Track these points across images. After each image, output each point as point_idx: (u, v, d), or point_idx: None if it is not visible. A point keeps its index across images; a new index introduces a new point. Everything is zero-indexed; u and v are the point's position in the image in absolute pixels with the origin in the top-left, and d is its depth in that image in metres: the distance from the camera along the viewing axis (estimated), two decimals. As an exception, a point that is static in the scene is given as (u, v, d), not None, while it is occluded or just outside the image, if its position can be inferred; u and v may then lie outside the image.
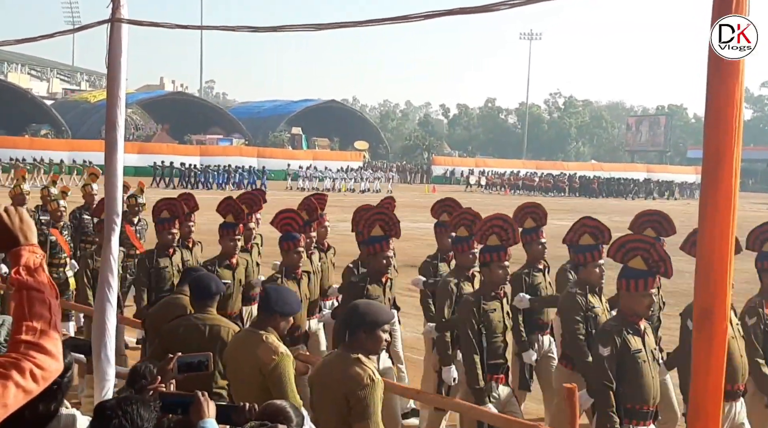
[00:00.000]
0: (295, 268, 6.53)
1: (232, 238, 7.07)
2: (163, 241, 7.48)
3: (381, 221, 6.34)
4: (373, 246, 6.25)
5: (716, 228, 2.45)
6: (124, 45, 4.93)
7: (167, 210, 7.53)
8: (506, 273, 5.72)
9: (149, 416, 2.66)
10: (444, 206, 7.64)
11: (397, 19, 3.49)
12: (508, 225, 5.83)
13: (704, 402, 2.49)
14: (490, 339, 5.52)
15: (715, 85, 2.48)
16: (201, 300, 4.83)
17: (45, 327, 1.96)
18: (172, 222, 7.50)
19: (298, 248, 6.52)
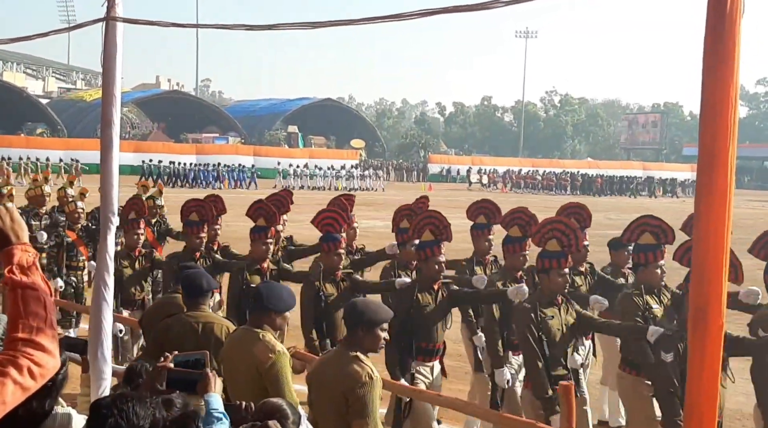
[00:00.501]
0: (335, 270, 6.33)
1: (264, 242, 6.79)
2: (191, 245, 7.30)
3: (431, 225, 6.05)
4: (423, 251, 5.93)
5: (711, 226, 2.46)
6: (119, 43, 4.92)
7: (196, 212, 7.33)
8: (566, 280, 5.50)
9: (145, 413, 2.66)
10: (480, 208, 7.32)
11: (392, 17, 3.49)
12: (570, 231, 5.55)
13: (699, 401, 2.50)
14: (550, 348, 5.32)
15: (710, 83, 2.48)
16: (193, 298, 4.82)
17: (41, 325, 1.97)
18: (201, 226, 7.30)
19: (338, 249, 6.33)
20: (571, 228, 5.57)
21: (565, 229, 5.52)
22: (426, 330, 5.78)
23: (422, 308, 5.77)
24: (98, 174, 5.32)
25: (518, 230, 6.29)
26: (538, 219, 6.32)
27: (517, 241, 6.24)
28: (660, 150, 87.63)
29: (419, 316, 5.75)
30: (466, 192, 48.74)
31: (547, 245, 5.45)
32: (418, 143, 77.40)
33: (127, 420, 2.60)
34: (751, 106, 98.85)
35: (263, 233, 6.81)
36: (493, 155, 78.57)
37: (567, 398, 4.11)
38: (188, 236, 7.30)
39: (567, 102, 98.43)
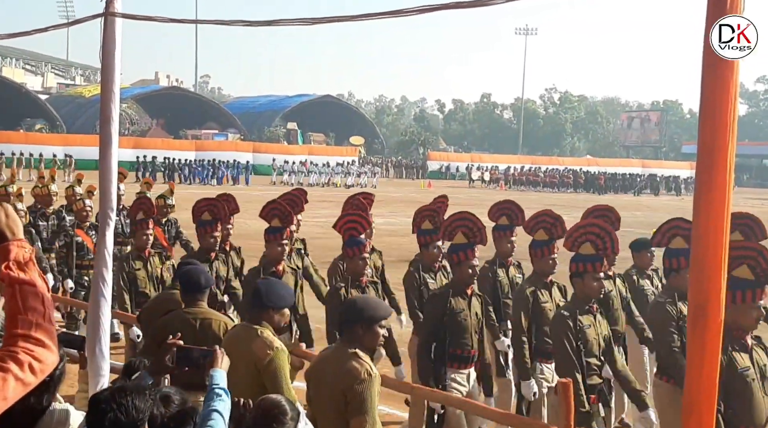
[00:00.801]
0: (359, 276, 6.12)
1: (279, 243, 6.58)
2: (204, 245, 7.09)
3: (464, 227, 5.80)
4: (456, 254, 5.66)
5: (710, 223, 2.46)
6: (117, 39, 4.91)
7: (209, 211, 7.12)
8: (601, 285, 5.28)
9: (144, 406, 2.67)
10: (502, 208, 7.12)
11: (392, 14, 3.49)
12: (604, 234, 5.34)
13: (698, 398, 2.50)
14: (586, 358, 5.09)
15: (709, 81, 2.48)
16: (191, 294, 4.82)
17: (40, 320, 1.98)
18: (214, 225, 7.09)
19: (363, 254, 6.11)
20: (605, 230, 5.39)
21: (600, 232, 5.34)
22: (460, 337, 5.60)
23: (456, 314, 5.56)
24: (96, 170, 5.30)
25: (544, 233, 6.11)
26: (563, 221, 6.16)
27: (545, 245, 6.05)
28: (659, 147, 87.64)
29: (453, 322, 5.56)
30: (465, 189, 48.79)
31: (581, 248, 5.27)
32: (418, 140, 77.38)
33: (126, 414, 2.61)
34: (750, 103, 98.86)
35: (278, 234, 6.61)
36: (492, 152, 78.52)
37: (566, 395, 4.10)
38: (202, 236, 7.10)
39: (566, 99, 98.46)
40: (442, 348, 5.57)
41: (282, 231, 6.62)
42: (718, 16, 2.45)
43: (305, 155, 56.26)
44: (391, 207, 31.29)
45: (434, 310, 5.64)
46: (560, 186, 58.28)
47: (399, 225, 22.19)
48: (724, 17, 2.43)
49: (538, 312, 5.92)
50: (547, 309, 5.91)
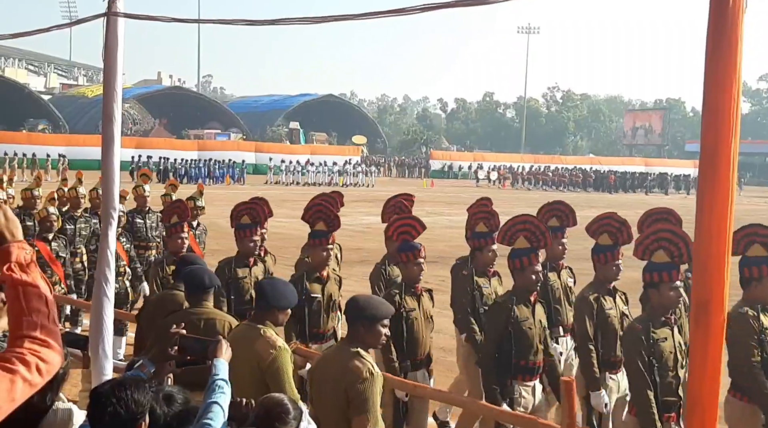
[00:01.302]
0: (415, 282, 5.80)
1: (324, 248, 6.26)
2: (243, 250, 6.82)
3: (526, 231, 5.50)
4: (519, 259, 5.36)
5: (713, 221, 2.45)
6: (120, 38, 4.92)
7: (247, 215, 6.88)
8: (678, 294, 4.99)
9: (144, 400, 2.68)
10: (553, 209, 6.83)
11: (395, 12, 3.48)
12: (678, 239, 4.95)
13: (701, 395, 2.49)
14: (662, 373, 4.79)
15: (712, 79, 2.48)
16: (195, 295, 4.83)
17: (44, 322, 1.98)
18: (254, 229, 6.84)
19: (418, 259, 5.77)
20: (678, 235, 5.00)
21: (673, 238, 4.97)
22: (525, 347, 5.31)
23: (520, 323, 5.27)
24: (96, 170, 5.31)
25: (608, 238, 5.79)
26: (629, 226, 5.83)
27: (608, 250, 5.73)
28: (662, 146, 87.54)
29: (518, 332, 5.27)
30: (467, 188, 48.71)
31: (654, 256, 4.93)
32: (420, 139, 77.40)
33: (125, 408, 2.63)
34: (753, 102, 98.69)
35: (324, 238, 6.29)
36: (495, 151, 78.45)
37: (568, 393, 4.11)
38: (240, 240, 6.82)
39: (569, 98, 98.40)
40: (507, 360, 5.29)
41: (327, 235, 6.32)
42: (721, 14, 2.45)
43: (307, 155, 56.22)
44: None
45: (497, 319, 5.36)
46: (569, 185, 57.75)
47: None
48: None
49: (603, 320, 5.63)
50: (612, 317, 5.66)
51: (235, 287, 6.62)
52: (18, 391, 1.87)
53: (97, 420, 2.67)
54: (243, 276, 6.69)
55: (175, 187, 10.99)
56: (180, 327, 3.35)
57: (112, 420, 2.63)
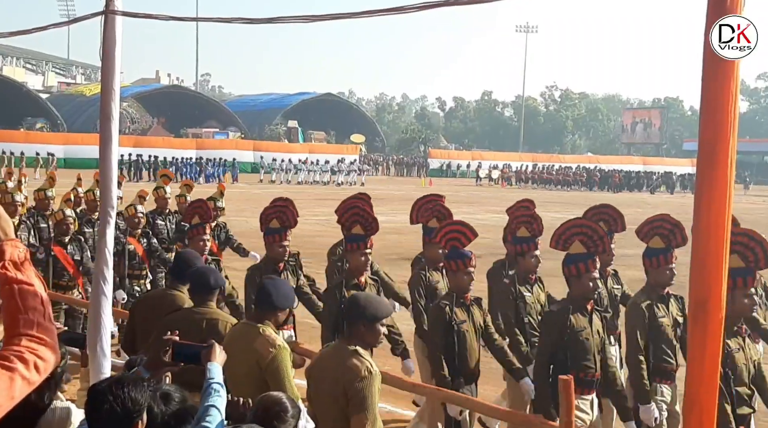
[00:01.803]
0: (465, 292, 5.50)
1: (363, 253, 5.98)
2: (273, 255, 6.57)
3: (582, 235, 5.21)
4: (575, 265, 5.07)
5: (711, 219, 2.46)
6: (118, 37, 4.91)
7: (277, 219, 6.62)
8: (753, 302, 4.82)
9: (141, 398, 2.68)
10: (599, 213, 6.51)
11: (393, 10, 3.48)
12: (755, 244, 4.70)
13: (699, 393, 2.50)
14: (736, 386, 4.62)
15: (710, 78, 2.48)
16: (200, 294, 4.84)
17: (40, 320, 1.98)
18: (284, 234, 6.58)
19: (468, 268, 5.46)
20: (755, 240, 4.74)
21: (749, 242, 4.71)
22: (583, 359, 5.04)
23: (577, 333, 5.00)
24: (93, 169, 5.30)
25: (660, 240, 5.54)
26: (683, 228, 5.52)
27: (661, 253, 5.50)
28: (660, 144, 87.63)
29: (574, 342, 5.01)
30: (466, 187, 48.72)
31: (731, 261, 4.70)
32: (418, 138, 77.42)
33: (122, 406, 2.63)
34: (751, 100, 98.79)
35: (362, 243, 6.01)
36: (493, 150, 78.48)
37: (566, 393, 4.11)
38: (270, 245, 6.57)
39: (567, 97, 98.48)
40: (563, 372, 4.92)
41: (365, 239, 6.05)
42: (719, 13, 2.44)
43: (306, 153, 56.19)
44: (392, 204, 31.30)
45: (553, 329, 5.09)
46: (573, 184, 57.38)
47: (400, 223, 23.15)
48: (724, 17, 2.43)
49: (655, 328, 5.42)
50: (665, 325, 5.45)
51: None
52: (17, 389, 1.88)
53: (94, 417, 2.67)
54: None
55: (190, 187, 10.74)
56: (174, 334, 3.35)
57: (109, 418, 2.63)
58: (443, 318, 5.39)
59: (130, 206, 9.11)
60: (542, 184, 57.35)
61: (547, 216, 8.02)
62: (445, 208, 6.91)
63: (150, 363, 3.27)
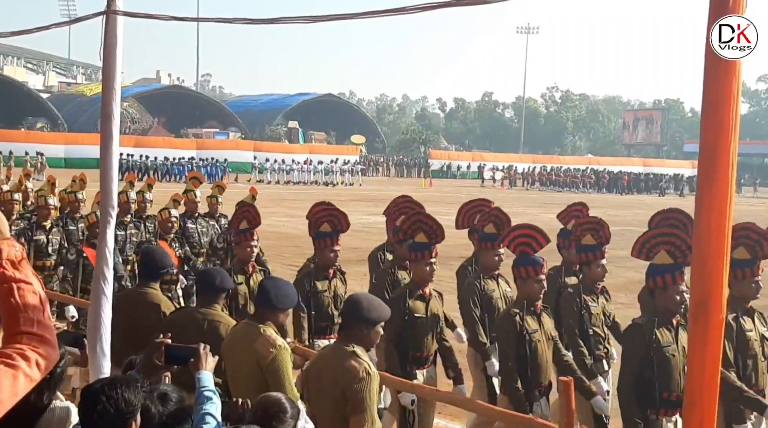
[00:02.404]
0: (535, 300, 5.26)
1: (427, 262, 5.63)
2: (323, 260, 6.29)
3: (669, 245, 4.91)
4: (661, 277, 4.80)
5: (712, 221, 2.45)
6: (119, 37, 4.90)
7: (328, 222, 6.30)
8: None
9: (135, 399, 2.67)
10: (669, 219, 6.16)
11: (394, 11, 3.48)
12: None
13: (700, 396, 2.49)
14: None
15: (711, 79, 2.47)
16: (205, 295, 4.87)
17: (40, 317, 2.00)
18: (335, 238, 6.26)
19: (540, 275, 5.19)
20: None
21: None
22: (669, 377, 4.76)
23: (662, 348, 4.73)
24: (93, 169, 5.30)
25: (745, 251, 5.21)
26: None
27: (746, 265, 5.16)
28: (661, 146, 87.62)
29: (660, 359, 4.72)
30: (466, 188, 48.67)
31: None
32: (419, 139, 77.42)
33: (115, 407, 2.62)
34: (752, 102, 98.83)
35: (426, 251, 5.66)
36: (493, 151, 78.51)
37: (566, 392, 4.10)
38: (320, 250, 6.29)
39: (568, 98, 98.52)
40: (650, 391, 4.75)
41: (429, 248, 5.72)
42: (720, 14, 2.44)
43: (306, 154, 56.17)
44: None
45: (636, 344, 4.79)
46: (583, 186, 56.83)
47: None
48: (724, 17, 2.43)
49: (743, 342, 5.16)
50: (753, 340, 5.19)
51: (315, 301, 6.16)
52: (20, 386, 1.89)
53: (87, 418, 2.67)
54: (323, 289, 6.24)
55: (222, 189, 10.29)
56: (166, 337, 3.35)
57: (101, 419, 2.62)
58: (514, 328, 5.12)
59: (163, 210, 8.79)
60: (550, 185, 57.05)
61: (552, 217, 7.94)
62: (503, 213, 6.57)
63: (143, 366, 3.27)
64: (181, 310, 4.90)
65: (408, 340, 5.54)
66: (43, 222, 8.82)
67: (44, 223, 8.80)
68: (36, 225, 8.82)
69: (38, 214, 9.03)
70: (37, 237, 8.65)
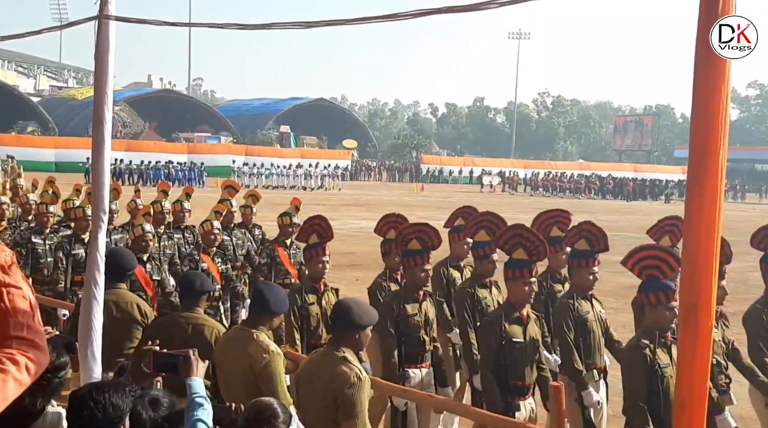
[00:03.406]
0: (666, 331, 4.79)
1: (527, 282, 5.11)
2: (412, 280, 5.80)
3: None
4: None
5: (702, 225, 2.47)
6: (111, 41, 4.90)
7: (417, 239, 5.82)
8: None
9: (123, 404, 2.66)
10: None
11: (386, 18, 3.49)
12: None
13: (690, 397, 2.51)
14: None
15: (701, 84, 2.49)
16: (187, 299, 4.89)
17: (30, 322, 2.00)
18: (425, 256, 5.75)
19: (671, 303, 4.70)
20: None
21: None
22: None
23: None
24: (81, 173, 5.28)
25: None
26: None
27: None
28: (651, 152, 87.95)
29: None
30: (458, 193, 48.71)
31: None
32: (411, 144, 77.48)
33: (103, 411, 2.60)
34: (742, 108, 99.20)
35: (526, 269, 5.12)
36: (485, 156, 78.63)
37: (557, 398, 4.12)
38: (410, 269, 5.76)
39: (559, 103, 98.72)
40: None
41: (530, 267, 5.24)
42: (710, 19, 2.46)
43: (297, 158, 56.10)
44: (382, 210, 31.29)
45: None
46: (587, 192, 56.39)
47: None
48: (724, 17, 2.45)
49: None
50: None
51: (405, 326, 5.61)
52: (9, 390, 1.89)
53: (74, 422, 2.65)
54: (413, 313, 5.68)
55: (256, 199, 9.66)
56: (154, 343, 3.34)
57: (89, 424, 2.61)
58: (644, 362, 4.55)
59: (205, 222, 8.03)
60: (553, 191, 56.66)
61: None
62: (597, 228, 5.94)
63: (132, 373, 3.26)
64: (164, 316, 4.91)
65: (506, 368, 5.03)
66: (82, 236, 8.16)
67: (83, 236, 8.10)
68: (75, 239, 8.29)
69: (77, 225, 8.42)
70: (75, 252, 8.09)
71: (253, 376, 4.13)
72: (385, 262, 6.64)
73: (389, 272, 6.57)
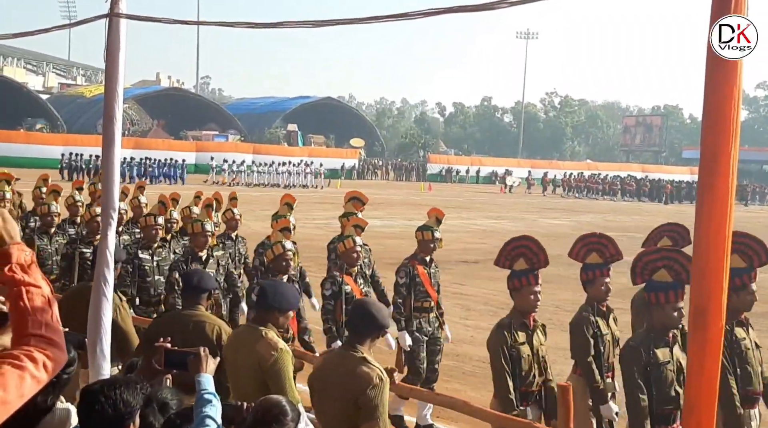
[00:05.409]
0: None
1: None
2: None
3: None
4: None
5: (712, 228, 2.46)
6: (122, 40, 4.92)
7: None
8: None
9: (134, 400, 2.68)
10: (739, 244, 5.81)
11: (396, 17, 3.49)
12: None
13: (699, 402, 2.51)
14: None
15: (713, 85, 2.48)
16: (188, 296, 4.95)
17: (48, 320, 2.02)
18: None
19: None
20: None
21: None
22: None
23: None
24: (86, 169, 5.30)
25: None
26: None
27: None
28: (659, 152, 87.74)
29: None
30: (465, 192, 48.67)
31: None
32: (418, 143, 77.47)
33: (113, 408, 2.63)
34: (750, 109, 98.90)
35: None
36: (492, 156, 78.57)
37: (564, 399, 4.11)
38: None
39: (567, 103, 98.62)
40: None
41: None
42: (722, 15, 2.45)
43: (305, 157, 56.09)
44: (391, 208, 31.36)
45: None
46: (622, 194, 55.58)
47: (398, 227, 21.82)
48: (724, 17, 2.44)
49: None
50: None
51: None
52: (27, 387, 1.91)
53: (85, 418, 2.67)
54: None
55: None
56: (165, 341, 3.35)
57: (99, 419, 2.63)
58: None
59: (348, 237, 7.03)
60: (589, 193, 55.94)
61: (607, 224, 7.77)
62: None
63: (142, 370, 3.27)
64: (167, 313, 4.94)
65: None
66: None
67: None
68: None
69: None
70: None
71: (261, 373, 4.13)
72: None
73: None
